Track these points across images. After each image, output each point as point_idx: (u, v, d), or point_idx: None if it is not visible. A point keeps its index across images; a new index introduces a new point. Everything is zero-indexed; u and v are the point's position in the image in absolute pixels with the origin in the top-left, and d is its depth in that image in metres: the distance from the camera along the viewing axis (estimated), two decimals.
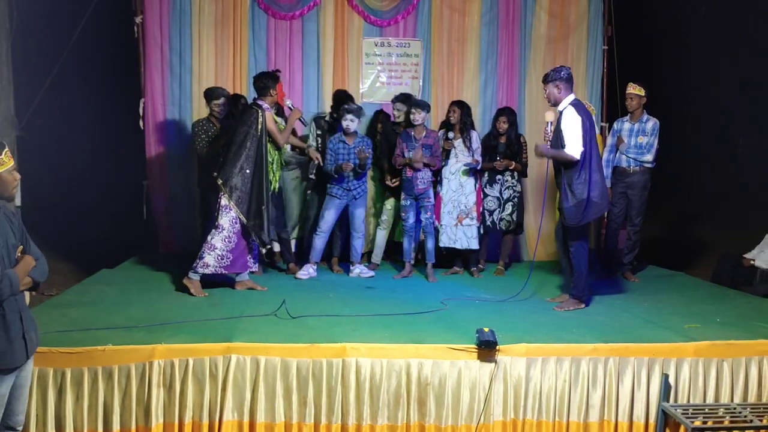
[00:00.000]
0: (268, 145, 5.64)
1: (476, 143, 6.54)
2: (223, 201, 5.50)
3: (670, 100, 8.23)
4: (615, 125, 6.72)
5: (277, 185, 5.97)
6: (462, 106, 6.57)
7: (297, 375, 4.07)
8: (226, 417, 4.01)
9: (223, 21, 7.44)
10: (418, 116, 6.34)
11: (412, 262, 6.69)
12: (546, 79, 5.26)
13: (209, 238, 5.51)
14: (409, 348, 4.17)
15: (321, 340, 4.20)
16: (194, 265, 5.50)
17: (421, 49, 7.75)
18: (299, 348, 4.11)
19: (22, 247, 3.28)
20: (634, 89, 6.40)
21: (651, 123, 6.42)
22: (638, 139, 6.44)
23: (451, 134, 6.54)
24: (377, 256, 7.02)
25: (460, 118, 6.51)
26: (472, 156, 6.48)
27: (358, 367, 4.09)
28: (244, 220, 5.51)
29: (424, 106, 6.44)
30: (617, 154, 6.58)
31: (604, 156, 6.58)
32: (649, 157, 6.42)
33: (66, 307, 4.96)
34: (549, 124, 5.41)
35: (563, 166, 5.17)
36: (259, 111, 5.56)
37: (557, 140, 5.18)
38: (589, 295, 5.39)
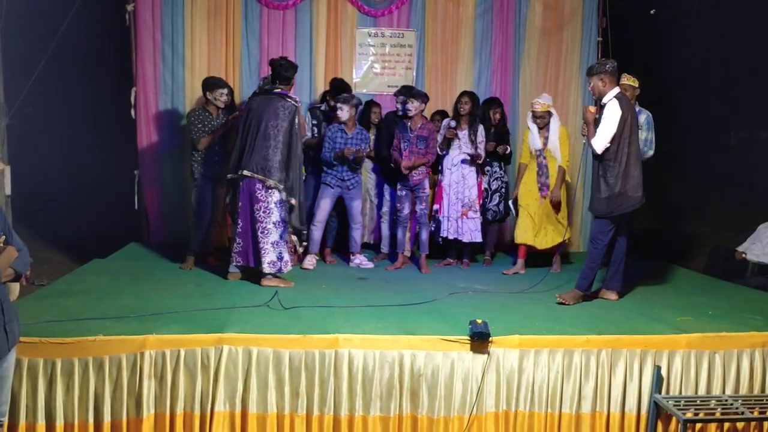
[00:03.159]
0: None
1: (481, 137, 6.52)
2: (276, 197, 5.39)
3: (663, 92, 8.21)
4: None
5: None
6: (473, 98, 6.54)
7: (289, 366, 4.05)
8: (217, 408, 4.00)
9: (216, 10, 7.37)
10: (411, 106, 6.31)
11: (406, 253, 6.69)
12: (591, 72, 5.23)
13: (277, 237, 5.41)
14: (402, 339, 4.17)
15: (313, 331, 4.19)
16: (276, 269, 5.43)
17: (415, 40, 7.71)
18: (291, 339, 4.10)
19: (4, 237, 3.24)
20: (627, 80, 6.34)
21: (644, 116, 6.33)
22: None
23: (452, 123, 6.52)
24: (385, 246, 7.04)
25: (471, 110, 6.49)
26: (476, 149, 6.46)
27: (351, 358, 4.08)
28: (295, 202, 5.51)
29: (418, 96, 6.39)
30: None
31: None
32: (651, 152, 6.33)
33: (57, 297, 4.92)
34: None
35: (597, 157, 5.17)
36: (295, 105, 5.45)
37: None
38: (589, 289, 5.39)
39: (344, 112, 6.31)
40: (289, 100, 5.45)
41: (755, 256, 6.71)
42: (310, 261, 6.44)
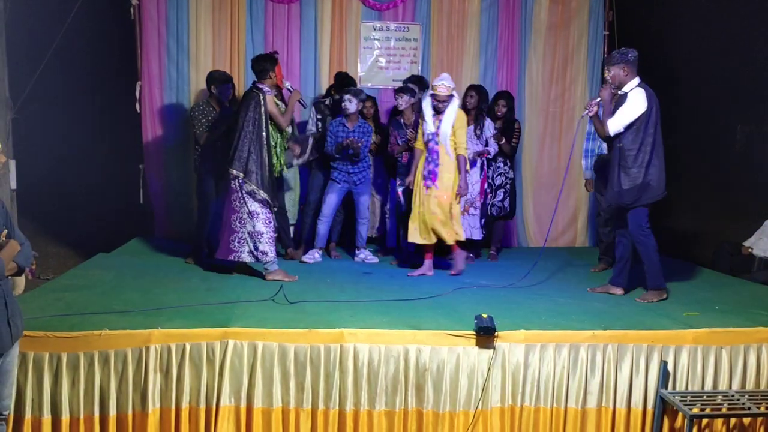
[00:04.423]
0: (271, 127, 5.58)
1: (488, 131, 6.47)
2: (247, 187, 5.40)
3: (670, 85, 8.17)
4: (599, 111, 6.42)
5: (281, 168, 5.91)
6: (480, 92, 6.48)
7: (294, 360, 4.05)
8: (222, 402, 4.00)
9: (220, 4, 7.37)
10: (401, 101, 6.27)
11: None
12: (612, 61, 5.13)
13: (251, 227, 5.41)
14: (407, 334, 4.16)
15: (319, 325, 4.18)
16: (252, 259, 5.49)
17: (420, 34, 7.69)
18: (297, 333, 4.09)
19: (6, 231, 3.24)
20: None
21: None
22: None
23: None
24: (391, 242, 7.04)
25: (477, 105, 6.44)
26: (486, 144, 6.42)
27: (356, 352, 4.07)
28: (270, 200, 5.48)
29: (407, 90, 6.33)
30: (599, 143, 6.03)
31: (584, 145, 6.48)
32: None
33: (62, 291, 4.92)
34: (593, 99, 5.27)
35: (620, 148, 5.06)
36: (260, 94, 5.48)
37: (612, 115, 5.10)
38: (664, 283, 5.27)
39: (353, 104, 6.26)
40: (254, 90, 5.50)
41: (762, 251, 6.68)
42: (311, 255, 6.43)
